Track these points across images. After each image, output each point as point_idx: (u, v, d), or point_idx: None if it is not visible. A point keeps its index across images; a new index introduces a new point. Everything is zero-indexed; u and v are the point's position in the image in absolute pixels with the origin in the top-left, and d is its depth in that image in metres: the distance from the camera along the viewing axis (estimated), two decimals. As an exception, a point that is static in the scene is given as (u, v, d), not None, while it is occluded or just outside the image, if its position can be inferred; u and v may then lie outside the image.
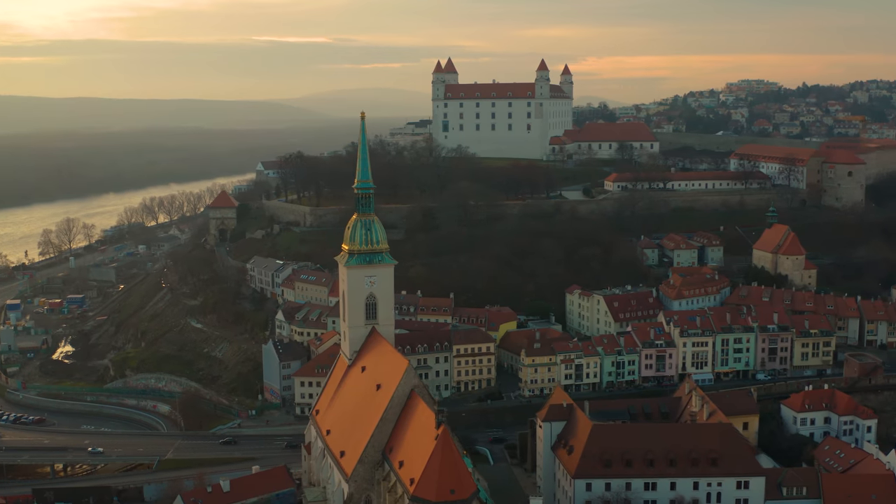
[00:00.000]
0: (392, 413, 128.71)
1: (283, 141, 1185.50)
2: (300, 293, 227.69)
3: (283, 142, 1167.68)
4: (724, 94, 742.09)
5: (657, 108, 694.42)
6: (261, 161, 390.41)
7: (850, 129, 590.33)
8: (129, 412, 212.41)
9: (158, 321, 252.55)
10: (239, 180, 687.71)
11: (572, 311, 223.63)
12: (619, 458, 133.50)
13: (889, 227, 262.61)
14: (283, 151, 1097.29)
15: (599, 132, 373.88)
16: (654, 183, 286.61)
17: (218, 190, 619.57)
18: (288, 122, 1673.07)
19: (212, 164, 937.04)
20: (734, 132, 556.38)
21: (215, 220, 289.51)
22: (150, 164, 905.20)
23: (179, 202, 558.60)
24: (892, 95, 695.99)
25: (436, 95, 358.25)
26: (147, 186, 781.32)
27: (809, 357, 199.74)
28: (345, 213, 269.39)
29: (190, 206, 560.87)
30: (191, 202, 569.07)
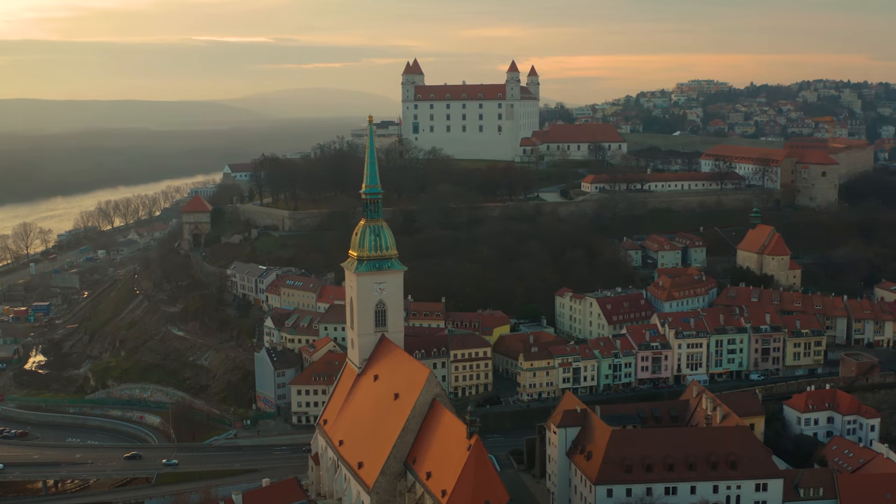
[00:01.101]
0: (414, 423, 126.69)
1: (230, 142, 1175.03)
2: (287, 299, 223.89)
3: (230, 143, 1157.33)
4: (675, 95, 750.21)
5: (611, 109, 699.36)
6: (227, 164, 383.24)
7: (805, 129, 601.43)
8: (115, 424, 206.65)
9: (137, 329, 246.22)
10: (193, 182, 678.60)
11: (563, 313, 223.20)
12: (639, 463, 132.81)
13: (864, 226, 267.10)
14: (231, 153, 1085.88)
15: (568, 133, 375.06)
16: (631, 184, 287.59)
17: (173, 193, 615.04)
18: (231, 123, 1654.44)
19: (159, 166, 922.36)
20: (691, 132, 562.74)
21: (189, 225, 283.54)
22: (98, 166, 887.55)
23: (135, 205, 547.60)
24: (840, 95, 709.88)
25: (406, 97, 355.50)
26: (95, 189, 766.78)
27: (801, 357, 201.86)
28: (324, 217, 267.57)
29: (145, 209, 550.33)
30: (146, 205, 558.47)
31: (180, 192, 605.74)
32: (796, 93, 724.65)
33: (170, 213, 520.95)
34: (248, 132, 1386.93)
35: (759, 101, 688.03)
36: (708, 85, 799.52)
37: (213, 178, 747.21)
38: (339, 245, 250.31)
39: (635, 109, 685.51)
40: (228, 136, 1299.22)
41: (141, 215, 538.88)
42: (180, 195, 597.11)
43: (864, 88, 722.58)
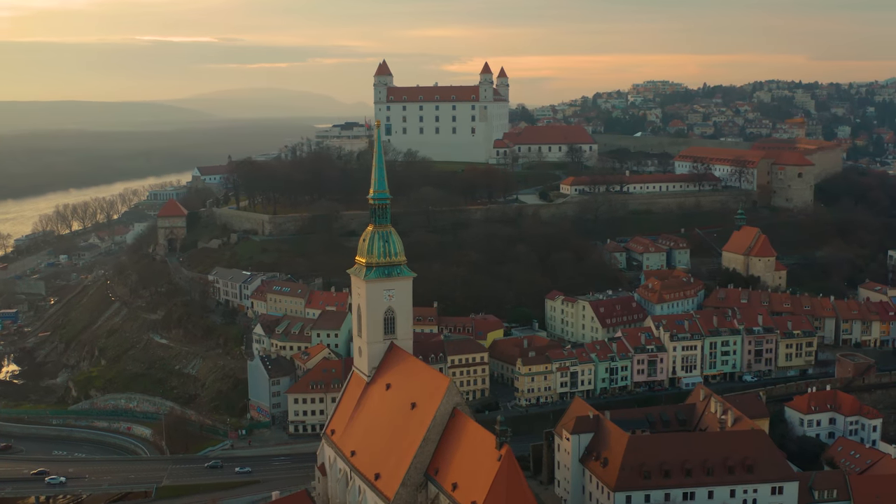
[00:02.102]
0: (434, 432, 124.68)
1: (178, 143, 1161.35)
2: (274, 305, 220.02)
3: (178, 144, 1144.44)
4: (632, 95, 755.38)
5: (570, 110, 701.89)
6: (196, 166, 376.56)
7: (763, 129, 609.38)
8: (102, 435, 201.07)
9: (118, 337, 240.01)
10: (151, 185, 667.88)
11: (554, 317, 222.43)
12: (657, 468, 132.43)
13: (842, 226, 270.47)
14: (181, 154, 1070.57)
15: (540, 135, 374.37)
16: (610, 186, 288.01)
17: (130, 196, 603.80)
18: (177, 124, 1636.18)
19: (109, 168, 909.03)
20: (652, 133, 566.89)
21: (164, 230, 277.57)
22: (47, 167, 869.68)
23: (93, 209, 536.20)
24: (794, 95, 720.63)
25: (378, 99, 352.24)
26: (47, 192, 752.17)
27: (793, 358, 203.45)
28: (305, 221, 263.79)
29: (103, 212, 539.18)
30: (103, 208, 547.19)
31: (138, 194, 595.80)
32: (750, 93, 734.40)
33: (131, 217, 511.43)
34: (196, 133, 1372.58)
35: (715, 102, 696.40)
36: (663, 86, 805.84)
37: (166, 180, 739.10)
38: (323, 249, 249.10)
39: (594, 110, 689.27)
40: (175, 137, 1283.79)
41: (99, 219, 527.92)
42: (138, 198, 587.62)
43: (816, 89, 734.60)
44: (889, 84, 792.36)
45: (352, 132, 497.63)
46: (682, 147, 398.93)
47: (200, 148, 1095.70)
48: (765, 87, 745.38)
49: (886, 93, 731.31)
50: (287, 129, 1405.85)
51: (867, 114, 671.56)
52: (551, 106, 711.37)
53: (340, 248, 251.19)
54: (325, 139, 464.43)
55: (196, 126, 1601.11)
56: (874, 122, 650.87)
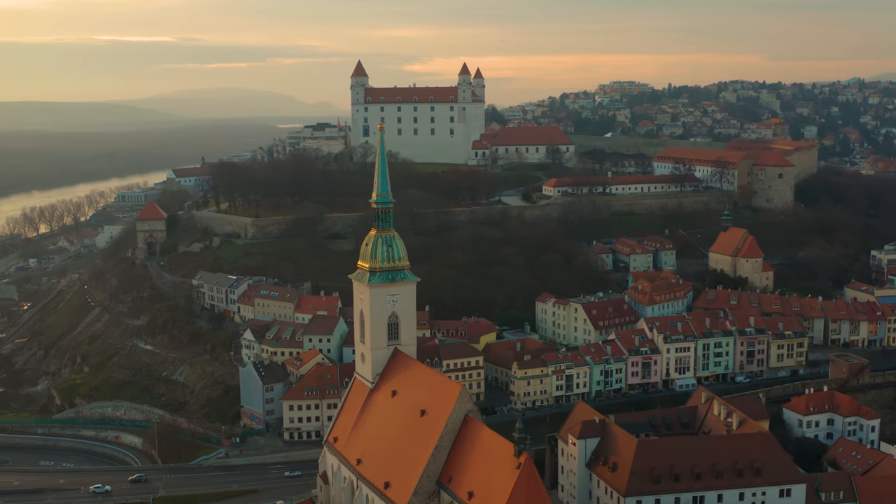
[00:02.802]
0: (447, 440, 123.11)
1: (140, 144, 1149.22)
2: (262, 310, 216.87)
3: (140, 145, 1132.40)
4: (598, 96, 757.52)
5: (538, 110, 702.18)
6: (171, 168, 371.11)
7: (731, 130, 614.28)
8: (90, 444, 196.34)
9: (101, 344, 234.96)
10: (117, 187, 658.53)
11: (545, 319, 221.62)
12: (667, 472, 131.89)
13: (824, 226, 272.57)
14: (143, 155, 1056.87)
15: (518, 136, 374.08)
16: (593, 187, 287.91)
17: (97, 198, 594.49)
18: (137, 125, 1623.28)
19: (72, 170, 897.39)
20: (622, 133, 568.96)
21: (143, 233, 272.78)
22: (10, 169, 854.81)
23: (60, 211, 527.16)
24: (759, 95, 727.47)
25: (355, 100, 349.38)
26: (10, 194, 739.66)
27: (784, 358, 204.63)
28: (289, 224, 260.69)
29: (70, 215, 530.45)
30: (70, 211, 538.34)
31: (105, 196, 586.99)
32: (716, 94, 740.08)
33: (99, 219, 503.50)
34: (157, 134, 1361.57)
35: (682, 103, 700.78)
36: (630, 86, 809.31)
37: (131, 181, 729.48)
38: (308, 252, 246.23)
39: (563, 111, 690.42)
40: (137, 137, 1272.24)
41: (66, 221, 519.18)
42: (105, 200, 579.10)
43: (780, 89, 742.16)
44: (851, 84, 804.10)
45: (324, 133, 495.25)
46: (658, 148, 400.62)
47: (164, 149, 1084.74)
48: (730, 88, 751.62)
49: (849, 93, 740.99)
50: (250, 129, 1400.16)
51: (832, 114, 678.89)
52: (521, 106, 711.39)
53: (326, 252, 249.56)
54: (298, 140, 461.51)
55: (157, 126, 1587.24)
56: (839, 122, 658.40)
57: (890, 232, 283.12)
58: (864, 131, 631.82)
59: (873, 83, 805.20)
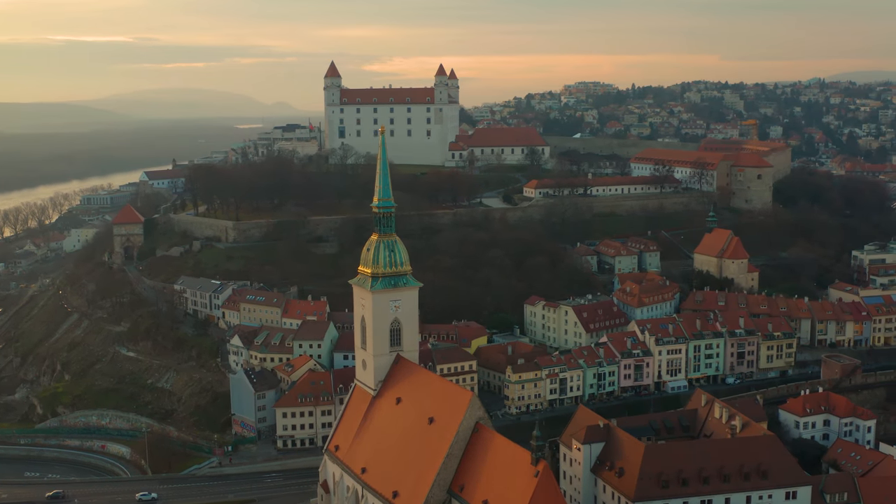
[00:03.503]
0: (458, 448, 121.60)
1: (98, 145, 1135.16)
2: (248, 315, 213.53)
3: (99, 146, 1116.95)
4: (564, 96, 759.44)
5: (504, 111, 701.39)
6: (144, 171, 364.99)
7: (698, 130, 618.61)
8: (75, 454, 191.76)
9: (81, 351, 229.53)
10: (81, 189, 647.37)
11: (534, 322, 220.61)
12: (675, 477, 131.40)
13: (803, 226, 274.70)
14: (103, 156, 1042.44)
15: (494, 137, 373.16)
16: (574, 189, 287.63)
17: (61, 200, 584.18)
18: (93, 125, 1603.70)
19: (30, 172, 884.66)
20: (590, 134, 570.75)
21: (120, 237, 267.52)
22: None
23: (24, 214, 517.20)
24: (722, 96, 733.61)
25: (330, 101, 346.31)
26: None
27: (774, 359, 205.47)
28: (271, 227, 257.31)
29: (35, 218, 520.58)
30: (34, 214, 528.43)
31: (69, 199, 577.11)
32: (680, 94, 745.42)
33: (66, 222, 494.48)
34: (116, 134, 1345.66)
35: (648, 103, 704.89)
36: (595, 87, 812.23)
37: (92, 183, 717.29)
38: (292, 256, 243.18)
39: (530, 111, 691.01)
40: (95, 138, 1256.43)
41: (31, 225, 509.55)
42: (69, 203, 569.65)
43: (743, 90, 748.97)
44: (812, 84, 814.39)
45: (295, 134, 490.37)
46: (631, 149, 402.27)
47: (123, 150, 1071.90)
48: (693, 88, 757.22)
49: (811, 93, 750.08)
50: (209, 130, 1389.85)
51: (795, 114, 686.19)
52: (489, 107, 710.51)
53: (309, 255, 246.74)
54: (269, 141, 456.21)
55: (114, 127, 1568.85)
56: (802, 122, 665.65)
57: (867, 232, 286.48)
58: (828, 131, 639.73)
59: (833, 83, 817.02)
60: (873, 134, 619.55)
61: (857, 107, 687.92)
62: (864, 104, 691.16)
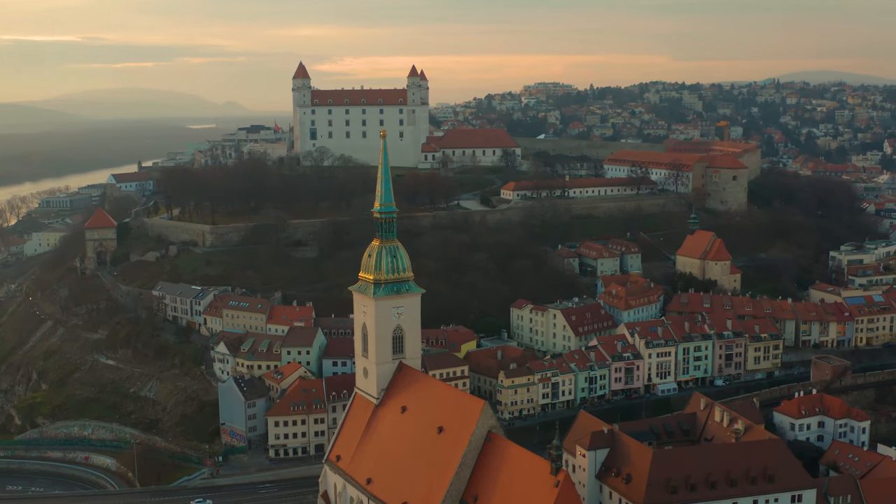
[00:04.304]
0: (470, 458, 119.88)
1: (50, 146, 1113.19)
2: (231, 321, 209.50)
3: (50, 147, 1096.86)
4: (524, 97, 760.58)
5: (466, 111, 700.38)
6: (112, 174, 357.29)
7: (659, 130, 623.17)
8: (58, 467, 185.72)
9: (58, 359, 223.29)
10: (38, 192, 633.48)
11: (522, 325, 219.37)
12: (683, 482, 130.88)
13: (780, 227, 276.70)
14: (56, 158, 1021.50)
15: (465, 138, 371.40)
16: (552, 191, 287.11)
17: (18, 203, 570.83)
18: (42, 126, 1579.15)
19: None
20: (554, 135, 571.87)
21: (93, 242, 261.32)
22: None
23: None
24: (681, 96, 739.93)
25: (301, 102, 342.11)
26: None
27: (761, 361, 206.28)
28: (248, 231, 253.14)
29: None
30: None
31: (27, 202, 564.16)
32: (639, 95, 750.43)
33: (25, 226, 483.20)
34: (67, 135, 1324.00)
35: (609, 104, 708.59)
36: (555, 87, 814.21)
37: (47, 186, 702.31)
38: (273, 261, 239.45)
39: (493, 112, 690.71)
40: (45, 140, 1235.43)
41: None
42: (27, 206, 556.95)
43: (700, 90, 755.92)
44: (768, 85, 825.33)
45: (260, 135, 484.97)
46: (600, 150, 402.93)
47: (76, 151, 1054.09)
48: (651, 89, 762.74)
49: (767, 93, 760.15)
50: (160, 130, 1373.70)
51: (753, 114, 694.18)
52: (452, 108, 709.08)
53: (289, 260, 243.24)
54: (234, 143, 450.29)
55: (65, 128, 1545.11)
56: (760, 123, 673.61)
57: (840, 232, 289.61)
58: (786, 131, 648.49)
59: (788, 84, 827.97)
60: (831, 134, 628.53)
61: (814, 107, 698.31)
62: (820, 104, 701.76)
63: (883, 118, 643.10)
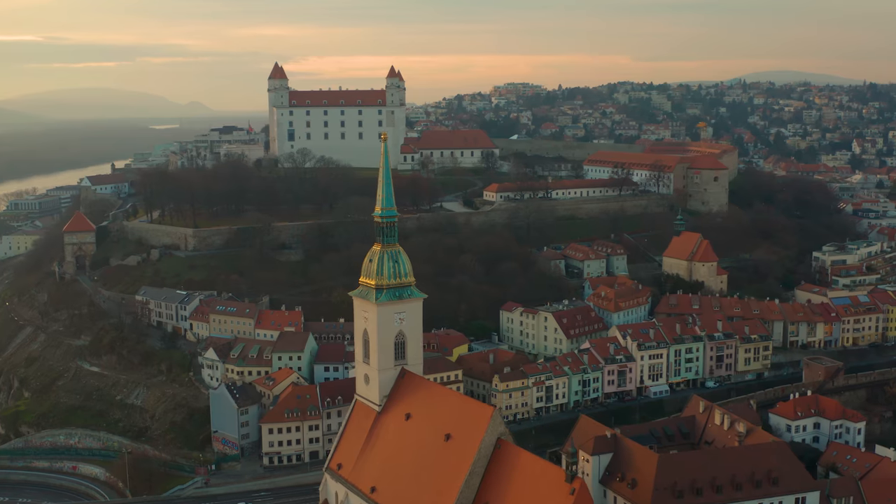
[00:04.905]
0: (480, 465, 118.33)
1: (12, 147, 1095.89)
2: (219, 327, 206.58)
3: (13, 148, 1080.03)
4: (495, 97, 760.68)
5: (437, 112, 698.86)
6: (87, 176, 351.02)
7: (630, 131, 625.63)
8: (45, 477, 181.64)
9: (40, 366, 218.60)
10: (5, 193, 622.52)
11: (512, 328, 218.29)
12: (689, 487, 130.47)
13: (762, 228, 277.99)
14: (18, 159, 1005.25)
15: (442, 139, 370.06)
16: (535, 192, 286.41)
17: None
18: (5, 126, 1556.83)
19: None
20: (527, 135, 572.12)
21: (72, 246, 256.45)
22: None
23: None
24: (650, 97, 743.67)
25: (279, 103, 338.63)
26: None
27: (751, 362, 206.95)
28: (232, 234, 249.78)
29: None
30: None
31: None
32: (608, 95, 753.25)
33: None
34: (29, 136, 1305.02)
35: (580, 105, 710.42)
36: (524, 88, 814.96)
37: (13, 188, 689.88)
38: (258, 265, 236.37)
39: (461, 112, 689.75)
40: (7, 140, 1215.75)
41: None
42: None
43: (668, 90, 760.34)
44: (735, 85, 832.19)
45: (232, 136, 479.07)
46: (576, 150, 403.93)
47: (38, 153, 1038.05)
48: (619, 89, 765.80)
49: (734, 94, 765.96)
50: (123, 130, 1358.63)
51: (721, 115, 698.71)
52: (423, 108, 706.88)
53: (274, 263, 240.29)
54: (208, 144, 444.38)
55: (26, 129, 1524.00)
56: (729, 123, 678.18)
57: (820, 233, 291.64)
58: (755, 131, 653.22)
59: (754, 84, 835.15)
60: (799, 134, 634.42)
61: (782, 107, 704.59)
62: (787, 105, 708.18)
63: (850, 118, 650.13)
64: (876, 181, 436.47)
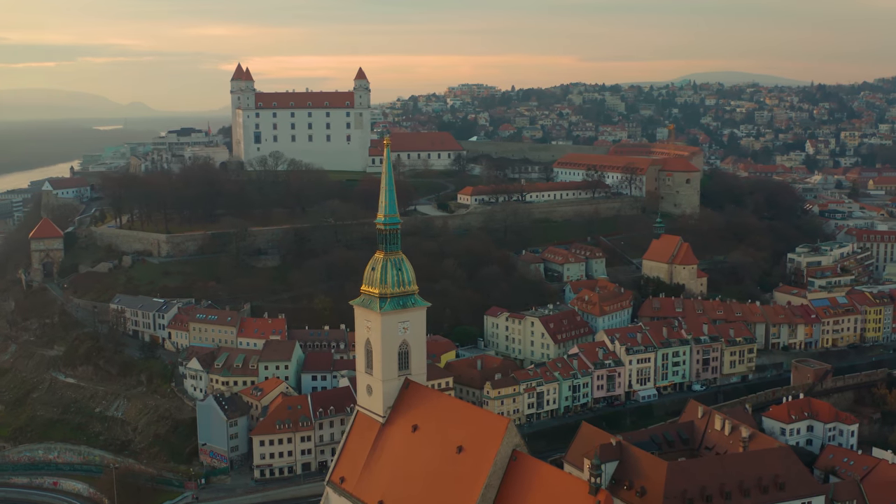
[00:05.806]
0: (495, 478, 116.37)
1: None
2: (199, 335, 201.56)
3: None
4: (449, 98, 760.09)
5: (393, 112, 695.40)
6: (47, 180, 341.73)
7: (587, 132, 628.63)
8: (24, 493, 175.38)
9: (12, 378, 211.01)
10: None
11: (497, 334, 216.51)
12: (698, 494, 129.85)
13: (735, 230, 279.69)
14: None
15: (409, 142, 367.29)
16: (510, 195, 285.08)
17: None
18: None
19: None
20: (486, 137, 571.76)
21: (39, 253, 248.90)
22: None
23: None
24: (603, 98, 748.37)
25: (245, 105, 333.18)
26: None
27: (736, 365, 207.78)
28: (207, 240, 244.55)
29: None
30: None
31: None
32: (562, 96, 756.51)
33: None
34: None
35: (535, 105, 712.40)
36: (479, 89, 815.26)
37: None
38: (235, 271, 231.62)
39: (417, 113, 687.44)
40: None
41: None
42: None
43: (621, 91, 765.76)
44: (685, 86, 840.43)
45: (191, 138, 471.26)
46: (542, 153, 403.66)
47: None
48: (573, 90, 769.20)
49: (686, 94, 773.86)
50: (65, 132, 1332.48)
51: (674, 115, 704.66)
52: (381, 109, 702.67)
53: (251, 270, 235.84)
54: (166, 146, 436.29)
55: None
56: (683, 124, 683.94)
57: (790, 234, 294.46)
58: (709, 132, 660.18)
59: (705, 85, 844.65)
60: (752, 135, 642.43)
61: (733, 108, 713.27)
62: (738, 105, 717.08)
63: (802, 119, 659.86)
64: (835, 182, 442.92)
